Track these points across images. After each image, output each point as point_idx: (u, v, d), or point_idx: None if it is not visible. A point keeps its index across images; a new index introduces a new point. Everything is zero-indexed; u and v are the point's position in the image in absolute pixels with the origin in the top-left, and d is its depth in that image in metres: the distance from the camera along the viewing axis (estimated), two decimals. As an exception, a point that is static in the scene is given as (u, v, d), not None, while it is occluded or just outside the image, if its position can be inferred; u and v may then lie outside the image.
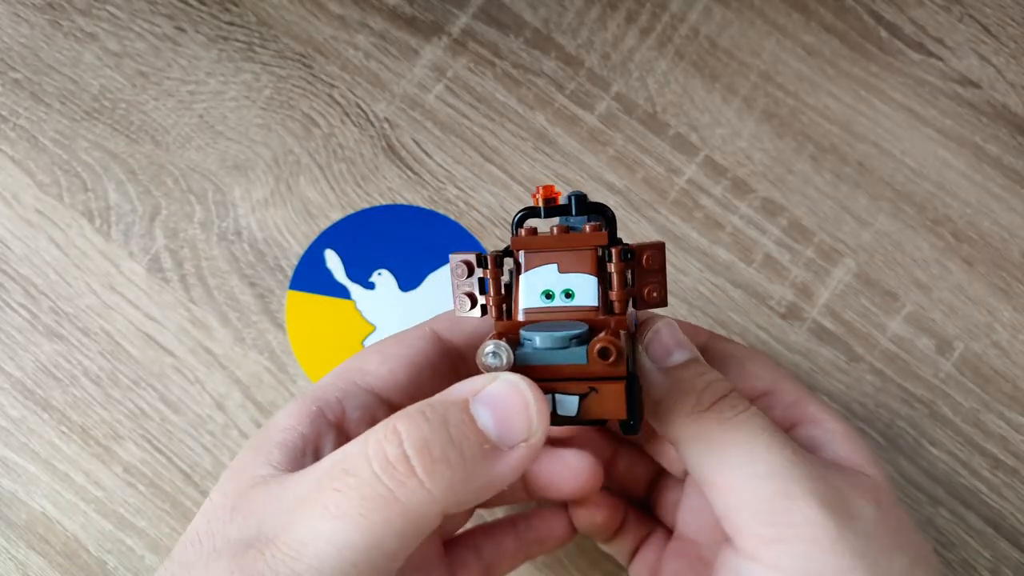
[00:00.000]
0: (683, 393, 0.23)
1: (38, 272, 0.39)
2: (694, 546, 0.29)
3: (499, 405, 0.20)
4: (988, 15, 0.42)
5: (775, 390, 0.26)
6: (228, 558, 0.20)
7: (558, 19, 0.42)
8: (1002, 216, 0.41)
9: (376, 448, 0.19)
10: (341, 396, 0.25)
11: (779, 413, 0.26)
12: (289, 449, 0.23)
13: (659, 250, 0.24)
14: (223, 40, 0.41)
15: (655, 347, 0.24)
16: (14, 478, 0.38)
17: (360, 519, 0.18)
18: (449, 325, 0.28)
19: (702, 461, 0.22)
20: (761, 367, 0.27)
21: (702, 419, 0.22)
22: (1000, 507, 0.38)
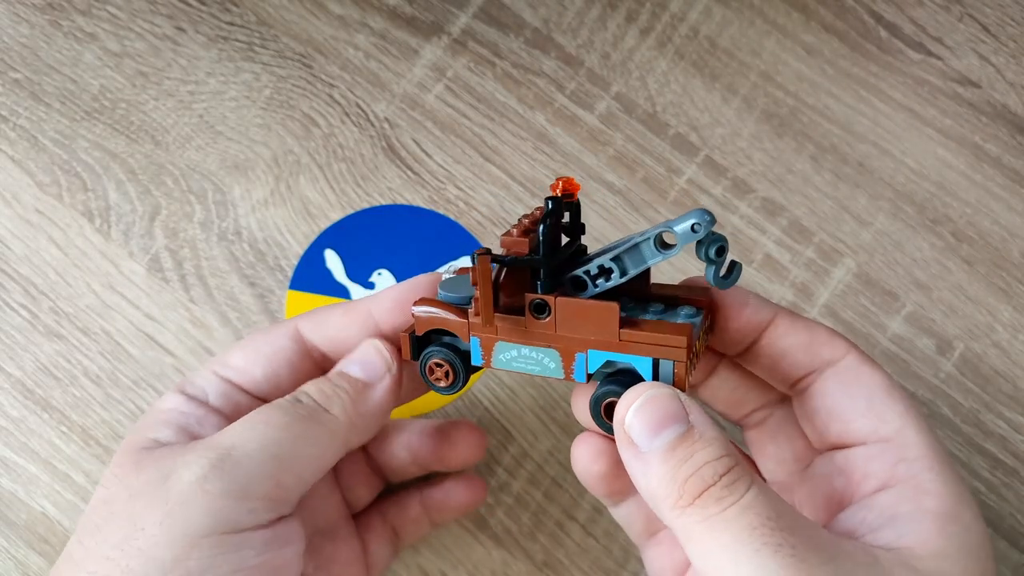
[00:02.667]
0: (666, 482, 0.21)
1: (38, 272, 0.39)
2: None
3: (363, 359, 0.28)
4: (988, 15, 0.42)
5: (895, 440, 0.24)
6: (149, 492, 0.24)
7: (558, 19, 0.42)
8: (1002, 216, 0.41)
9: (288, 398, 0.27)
10: (204, 384, 0.28)
11: (888, 467, 0.24)
12: (175, 426, 0.27)
13: (472, 270, 0.25)
14: (223, 40, 0.41)
15: (637, 431, 0.22)
16: (14, 478, 0.38)
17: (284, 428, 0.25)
18: (314, 326, 0.29)
19: (692, 557, 0.21)
20: (890, 407, 0.24)
21: (685, 515, 0.20)
22: (999, 507, 0.38)
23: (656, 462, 0.21)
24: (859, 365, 0.25)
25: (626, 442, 0.22)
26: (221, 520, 0.23)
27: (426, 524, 0.35)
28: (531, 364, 0.26)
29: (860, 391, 0.25)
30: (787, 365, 0.26)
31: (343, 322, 0.29)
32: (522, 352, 0.26)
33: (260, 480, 0.24)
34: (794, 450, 0.28)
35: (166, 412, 0.27)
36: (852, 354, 0.25)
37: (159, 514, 0.23)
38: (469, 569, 0.37)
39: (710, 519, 0.20)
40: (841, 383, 0.25)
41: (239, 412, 0.28)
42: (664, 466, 0.21)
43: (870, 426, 0.24)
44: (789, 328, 0.26)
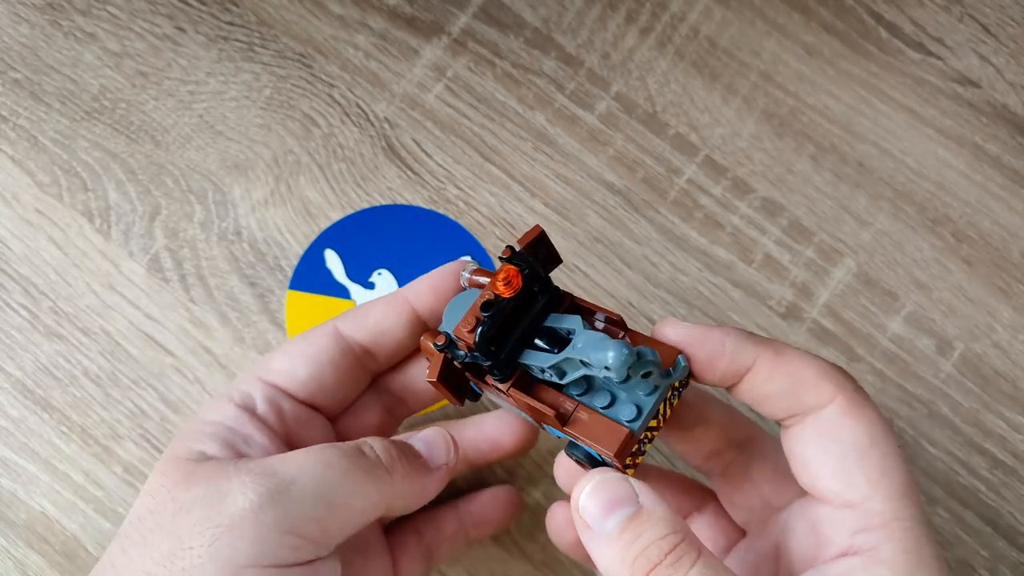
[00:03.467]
0: (616, 562, 0.22)
1: (38, 272, 0.39)
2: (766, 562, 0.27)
3: (429, 440, 0.28)
4: (988, 15, 0.42)
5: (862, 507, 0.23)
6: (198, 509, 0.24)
7: (558, 19, 0.42)
8: (1002, 216, 0.41)
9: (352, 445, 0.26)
10: (251, 390, 0.28)
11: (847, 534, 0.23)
12: (221, 440, 0.26)
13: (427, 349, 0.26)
14: (223, 40, 0.41)
15: (590, 514, 0.22)
16: (14, 478, 0.38)
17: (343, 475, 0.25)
18: (353, 322, 0.29)
19: None
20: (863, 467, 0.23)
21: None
22: (998, 506, 0.38)
23: (607, 543, 0.22)
24: (841, 417, 0.24)
25: (581, 524, 0.23)
26: (266, 552, 0.23)
27: (462, 540, 0.34)
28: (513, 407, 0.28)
29: (835, 448, 0.24)
30: (768, 409, 0.25)
31: (383, 313, 0.29)
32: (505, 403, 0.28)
33: (310, 521, 0.24)
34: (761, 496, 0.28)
35: (213, 425, 0.27)
36: (837, 400, 0.24)
37: (208, 536, 0.23)
38: (468, 568, 0.37)
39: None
40: (818, 435, 0.24)
41: (284, 420, 0.28)
42: (615, 546, 0.22)
43: (837, 488, 0.24)
44: (770, 374, 0.25)
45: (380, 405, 0.31)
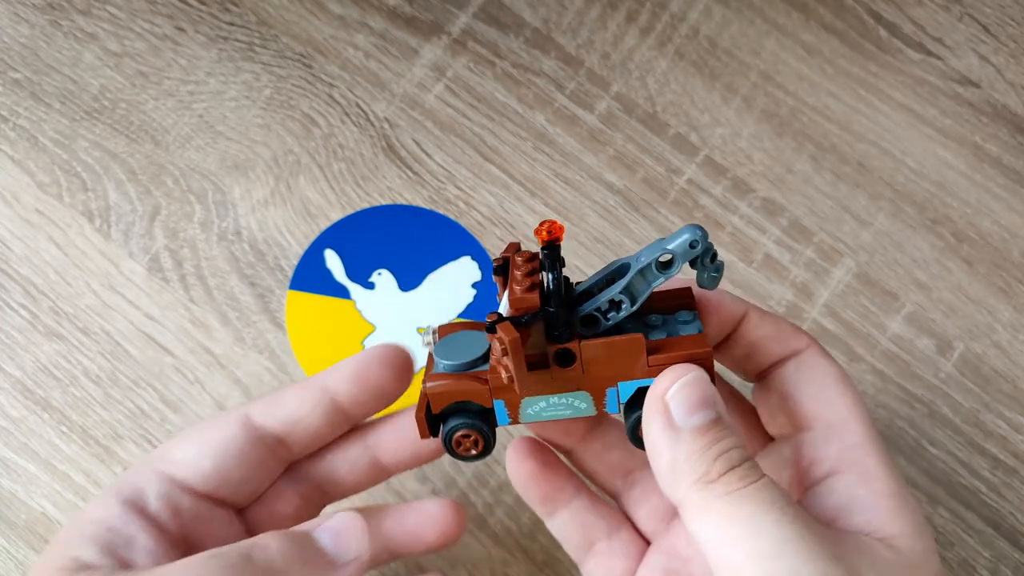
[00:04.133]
0: (694, 459, 0.22)
1: (38, 272, 0.39)
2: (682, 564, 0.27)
3: (338, 531, 0.26)
4: (987, 14, 0.42)
5: (840, 426, 0.25)
6: None
7: (558, 19, 0.42)
8: (1002, 216, 0.41)
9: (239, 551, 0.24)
10: (144, 485, 0.26)
11: (833, 452, 0.25)
12: (102, 543, 0.24)
13: (501, 341, 0.23)
14: (223, 40, 0.41)
15: (677, 405, 0.23)
16: (14, 478, 0.38)
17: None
18: (265, 409, 0.27)
19: (706, 532, 0.22)
20: (840, 395, 0.26)
21: (708, 489, 0.22)
22: (999, 507, 0.38)
23: (689, 438, 0.22)
24: (818, 356, 0.26)
25: (661, 413, 0.23)
26: None
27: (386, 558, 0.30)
28: (561, 410, 0.26)
29: (815, 379, 0.26)
30: (759, 355, 0.27)
31: (298, 402, 0.27)
32: (550, 401, 0.26)
33: None
34: None
35: (95, 524, 0.25)
36: (813, 347, 0.27)
37: None
38: (468, 568, 0.37)
39: (732, 494, 0.21)
40: (800, 370, 0.26)
41: (182, 517, 0.26)
42: (696, 443, 0.22)
43: (818, 410, 0.26)
44: (760, 321, 0.27)
45: (296, 493, 0.29)
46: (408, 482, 0.38)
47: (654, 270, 0.24)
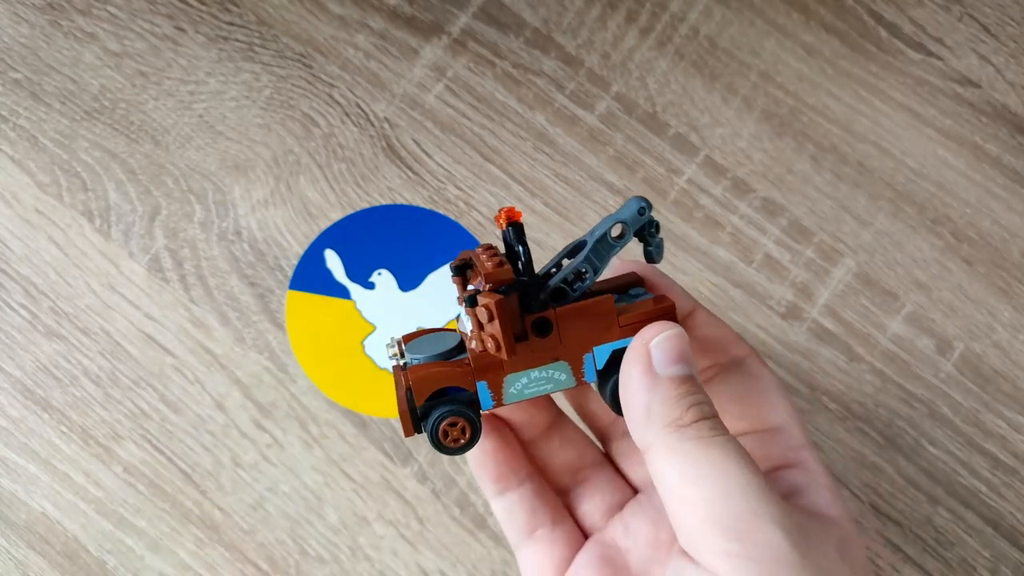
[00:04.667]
0: (669, 404, 0.23)
1: (38, 272, 0.39)
2: (619, 554, 0.28)
3: None
4: (987, 15, 0.42)
5: (784, 429, 0.27)
6: None
7: (558, 19, 0.42)
8: (1002, 216, 0.41)
9: None
10: None
11: (779, 451, 0.27)
12: None
13: (486, 307, 0.24)
14: (223, 40, 0.41)
15: (659, 353, 0.24)
16: (14, 478, 0.38)
17: None
18: None
19: (672, 472, 0.23)
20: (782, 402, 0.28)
21: (680, 432, 0.23)
22: (999, 506, 0.38)
23: (666, 385, 0.24)
24: (760, 366, 0.28)
25: (643, 359, 0.24)
26: None
27: None
28: (543, 384, 0.26)
29: (757, 386, 0.27)
30: (703, 354, 0.28)
31: None
32: (532, 376, 0.26)
33: None
34: None
35: None
36: (753, 356, 0.28)
37: None
38: (469, 568, 0.37)
39: (703, 439, 0.23)
40: (744, 378, 0.28)
41: None
42: (672, 391, 0.24)
43: (763, 414, 0.27)
44: (708, 320, 0.28)
45: None
46: (408, 482, 0.38)
47: (609, 241, 0.25)
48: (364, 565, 0.37)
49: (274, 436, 0.38)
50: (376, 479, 0.38)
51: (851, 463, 0.38)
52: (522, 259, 0.25)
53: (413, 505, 0.38)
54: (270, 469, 0.38)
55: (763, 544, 0.21)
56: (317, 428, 0.38)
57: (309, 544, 0.38)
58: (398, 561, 0.37)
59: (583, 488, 0.30)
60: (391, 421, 0.39)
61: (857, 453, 0.38)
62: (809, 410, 0.39)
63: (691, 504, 0.22)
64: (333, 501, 0.38)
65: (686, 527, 0.22)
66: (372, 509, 0.38)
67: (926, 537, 0.38)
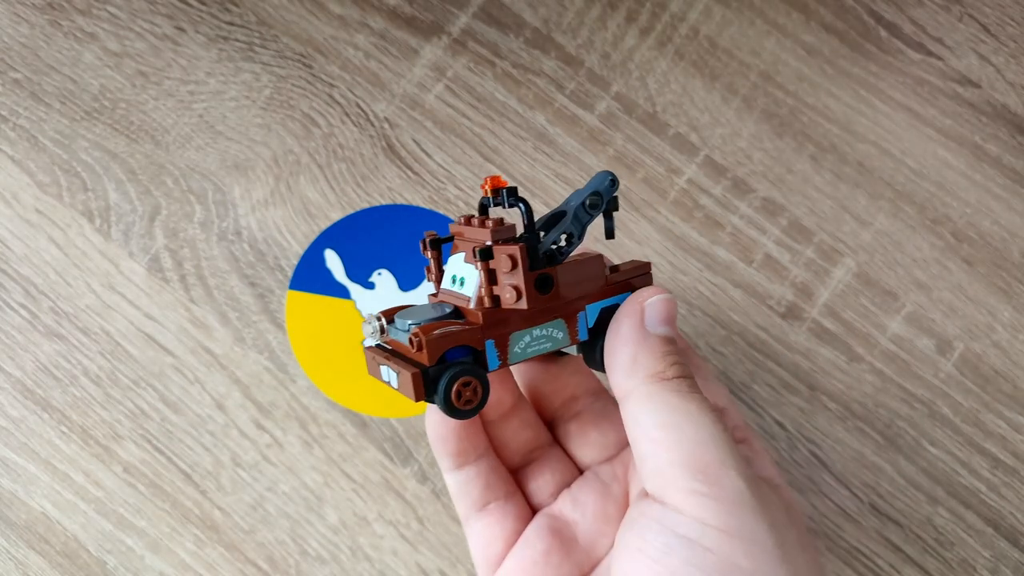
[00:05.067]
0: (654, 358, 0.26)
1: (38, 272, 0.39)
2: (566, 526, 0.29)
3: None
4: (987, 15, 0.42)
5: (728, 410, 0.30)
6: None
7: (558, 19, 0.42)
8: (1002, 216, 0.41)
9: None
10: None
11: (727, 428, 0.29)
12: None
13: (508, 255, 0.25)
14: (223, 40, 0.41)
15: (651, 312, 0.26)
16: (14, 478, 0.38)
17: None
18: None
19: (648, 417, 0.25)
20: (721, 388, 0.30)
21: (662, 384, 0.25)
22: (999, 507, 0.38)
23: (654, 341, 0.26)
24: (697, 356, 0.31)
25: (636, 314, 0.26)
26: None
27: None
28: (542, 343, 0.27)
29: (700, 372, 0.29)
30: None
31: None
32: (533, 335, 0.27)
33: None
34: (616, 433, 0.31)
35: None
36: (690, 347, 0.31)
37: None
38: (469, 569, 0.37)
39: (682, 393, 0.25)
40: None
41: None
42: (660, 347, 0.26)
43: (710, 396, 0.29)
44: None
45: None
46: (408, 482, 0.38)
47: (586, 210, 0.27)
48: (364, 565, 0.37)
49: (274, 436, 0.38)
50: (376, 479, 0.38)
51: (851, 463, 0.38)
52: (524, 218, 0.26)
53: (413, 505, 0.38)
54: (270, 469, 0.38)
55: (728, 488, 0.23)
56: (317, 428, 0.38)
57: (309, 544, 0.38)
58: (398, 561, 0.37)
59: (533, 467, 0.31)
60: (391, 421, 0.39)
61: (857, 453, 0.38)
62: (809, 410, 0.39)
63: (663, 446, 0.24)
64: (333, 501, 0.38)
65: (654, 467, 0.24)
66: (372, 509, 0.38)
67: (926, 537, 0.38)
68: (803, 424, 0.39)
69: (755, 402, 0.39)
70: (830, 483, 0.38)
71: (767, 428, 0.39)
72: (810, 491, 0.38)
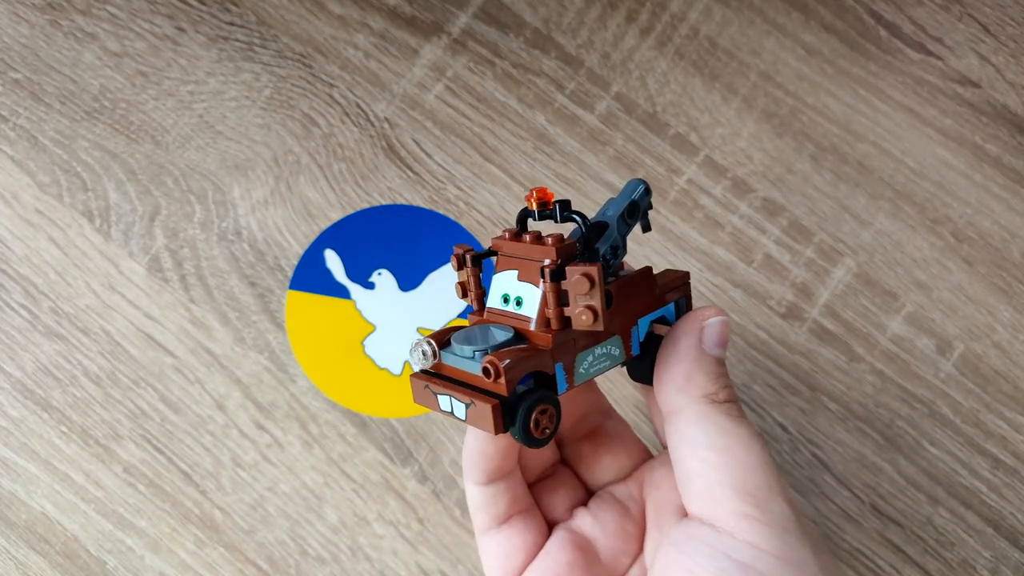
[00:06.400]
0: (710, 378, 0.26)
1: (38, 272, 0.39)
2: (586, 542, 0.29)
3: None
4: (987, 14, 0.42)
5: None
6: None
7: (558, 19, 0.42)
8: (1002, 216, 0.41)
9: None
10: None
11: None
12: None
13: (585, 275, 0.24)
14: (223, 40, 0.41)
15: (710, 332, 0.27)
16: (14, 478, 0.38)
17: None
18: None
19: (701, 436, 0.25)
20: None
21: (714, 405, 0.25)
22: (1000, 507, 0.38)
23: (710, 361, 0.26)
24: None
25: (696, 333, 0.27)
26: None
27: None
28: (603, 362, 0.26)
29: None
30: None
31: None
32: (595, 354, 0.26)
33: None
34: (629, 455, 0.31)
35: None
36: None
37: None
38: (469, 569, 0.37)
39: (733, 416, 0.25)
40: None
41: None
42: (715, 368, 0.26)
43: None
44: None
45: None
46: (408, 482, 0.38)
47: (625, 221, 0.27)
48: (364, 565, 0.37)
49: (274, 436, 0.38)
50: (376, 479, 0.38)
51: (851, 463, 0.38)
52: (583, 232, 0.25)
53: (413, 505, 0.38)
54: (270, 469, 0.38)
55: (777, 514, 0.24)
56: (317, 428, 0.38)
57: (309, 544, 0.38)
58: (398, 561, 0.37)
59: (548, 483, 0.31)
60: (391, 421, 0.39)
61: (857, 453, 0.38)
62: (809, 410, 0.39)
63: (713, 467, 0.24)
64: (333, 501, 0.38)
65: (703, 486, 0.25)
66: (372, 509, 0.38)
67: (927, 537, 0.38)
68: (804, 425, 0.39)
69: (756, 403, 0.39)
70: (831, 484, 0.38)
71: (768, 429, 0.39)
72: (811, 492, 0.38)
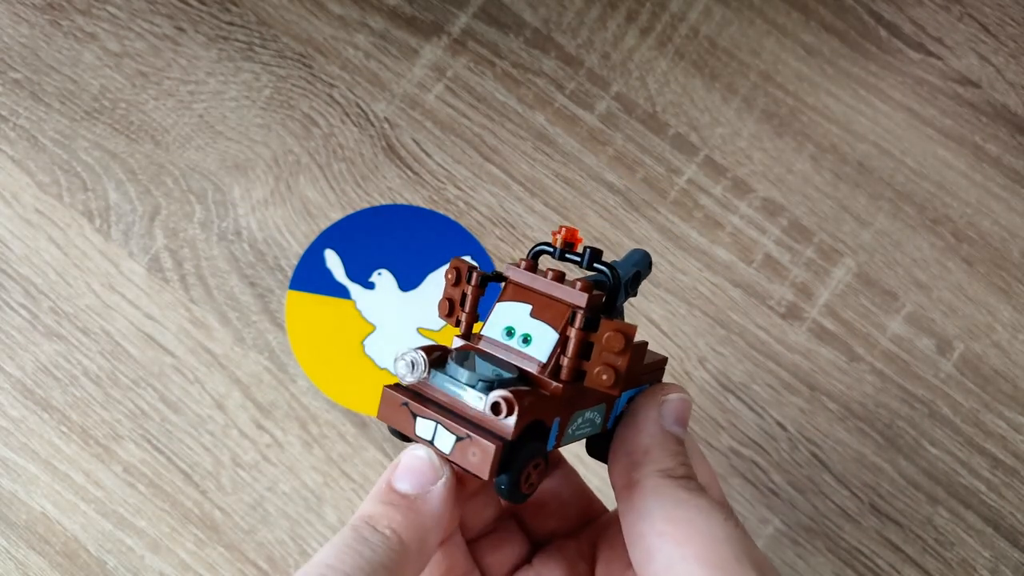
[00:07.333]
0: (666, 454, 0.26)
1: (38, 272, 0.39)
2: None
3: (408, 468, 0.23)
4: (987, 14, 0.42)
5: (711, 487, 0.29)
6: None
7: (558, 19, 0.42)
8: (1002, 216, 0.41)
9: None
10: None
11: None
12: None
13: (622, 334, 0.22)
14: (223, 40, 0.41)
15: (670, 409, 0.26)
16: (14, 478, 0.38)
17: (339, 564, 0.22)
18: None
19: (658, 510, 0.24)
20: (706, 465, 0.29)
21: (671, 480, 0.25)
22: (999, 507, 0.38)
23: (669, 438, 0.26)
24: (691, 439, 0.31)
25: (655, 408, 0.26)
26: None
27: None
28: (585, 428, 0.24)
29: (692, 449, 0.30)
30: None
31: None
32: (585, 417, 0.24)
33: None
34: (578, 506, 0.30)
35: None
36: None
37: None
38: (469, 569, 0.37)
39: (691, 492, 0.25)
40: None
41: None
42: (672, 445, 0.26)
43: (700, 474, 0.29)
44: None
45: None
46: (408, 482, 0.38)
47: (627, 290, 0.26)
48: (364, 565, 0.37)
49: (274, 436, 0.38)
50: (376, 479, 0.38)
51: (851, 463, 0.38)
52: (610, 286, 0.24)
53: (413, 505, 0.38)
54: (270, 469, 0.38)
55: None
56: (317, 428, 0.38)
57: (309, 544, 0.38)
58: (398, 561, 0.37)
59: (490, 539, 0.29)
60: (391, 421, 0.39)
61: (857, 453, 0.38)
62: (809, 410, 0.39)
63: (673, 540, 0.24)
64: (333, 501, 0.38)
65: (665, 562, 0.24)
66: (372, 509, 0.38)
67: (926, 537, 0.38)
68: (803, 425, 0.39)
69: (755, 402, 0.39)
70: (830, 483, 0.38)
71: (768, 429, 0.39)
72: (811, 491, 0.38)
